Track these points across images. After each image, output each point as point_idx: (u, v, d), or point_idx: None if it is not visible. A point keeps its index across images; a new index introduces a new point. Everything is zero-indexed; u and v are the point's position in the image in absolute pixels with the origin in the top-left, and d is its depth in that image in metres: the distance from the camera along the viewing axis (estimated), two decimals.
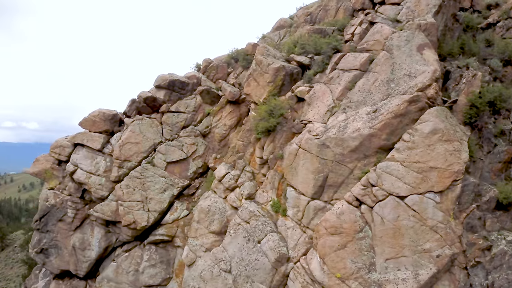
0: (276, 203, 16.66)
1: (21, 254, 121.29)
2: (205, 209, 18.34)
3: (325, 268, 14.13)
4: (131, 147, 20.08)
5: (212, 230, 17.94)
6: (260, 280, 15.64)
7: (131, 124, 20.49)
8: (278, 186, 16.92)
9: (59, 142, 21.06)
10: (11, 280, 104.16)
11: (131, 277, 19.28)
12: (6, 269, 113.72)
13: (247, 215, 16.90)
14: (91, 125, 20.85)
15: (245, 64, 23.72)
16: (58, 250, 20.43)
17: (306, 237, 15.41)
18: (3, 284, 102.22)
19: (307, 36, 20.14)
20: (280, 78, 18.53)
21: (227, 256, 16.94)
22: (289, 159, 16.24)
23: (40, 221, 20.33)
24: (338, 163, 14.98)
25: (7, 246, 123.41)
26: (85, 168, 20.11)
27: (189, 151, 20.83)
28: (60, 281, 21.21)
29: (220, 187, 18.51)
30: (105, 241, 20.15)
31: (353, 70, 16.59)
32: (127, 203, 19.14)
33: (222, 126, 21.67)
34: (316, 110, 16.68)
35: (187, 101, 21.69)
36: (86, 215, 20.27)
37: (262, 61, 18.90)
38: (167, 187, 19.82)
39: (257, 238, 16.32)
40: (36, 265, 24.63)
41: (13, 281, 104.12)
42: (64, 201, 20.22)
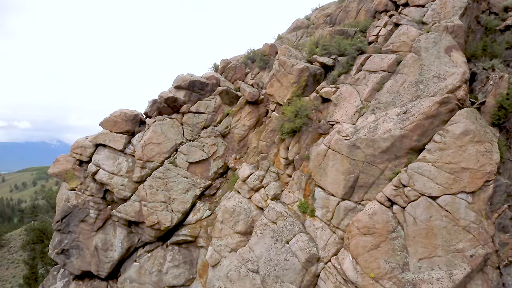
0: (304, 204, 16.75)
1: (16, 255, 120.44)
2: (229, 210, 18.38)
3: (358, 268, 14.25)
4: (153, 147, 20.08)
5: (237, 231, 17.99)
6: (290, 280, 15.73)
7: (153, 125, 20.48)
8: (305, 187, 17.01)
9: (80, 143, 20.99)
10: (7, 281, 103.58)
11: (155, 278, 19.27)
12: (1, 270, 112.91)
13: (274, 216, 16.98)
14: (112, 126, 20.81)
15: (262, 65, 23.81)
16: (80, 251, 20.36)
17: (336, 237, 15.52)
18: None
19: (328, 37, 20.26)
20: (304, 79, 18.64)
21: (254, 256, 17.00)
22: (317, 159, 16.34)
23: (61, 222, 20.26)
24: (369, 163, 15.10)
25: (2, 247, 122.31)
26: (107, 168, 20.07)
27: (210, 151, 20.86)
28: (80, 281, 21.14)
29: (244, 188, 18.56)
30: (127, 241, 20.13)
31: (380, 72, 16.72)
32: (150, 203, 19.14)
33: (241, 126, 21.73)
34: (343, 111, 16.78)
35: (207, 102, 21.73)
36: (109, 215, 20.23)
37: (285, 62, 18.99)
38: (190, 187, 19.85)
39: (285, 238, 16.40)
40: (54, 265, 24.30)
41: (9, 281, 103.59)
42: (86, 201, 20.17)
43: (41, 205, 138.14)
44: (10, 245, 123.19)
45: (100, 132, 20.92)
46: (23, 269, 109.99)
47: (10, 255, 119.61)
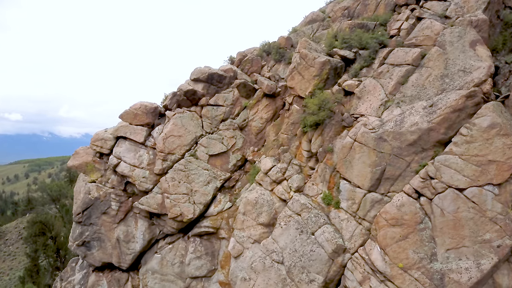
0: (328, 196, 16.99)
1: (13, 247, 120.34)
2: (252, 202, 18.58)
3: (387, 259, 14.55)
4: (174, 140, 20.18)
5: (260, 222, 18.21)
6: (317, 271, 16.01)
7: (173, 117, 20.58)
8: (329, 179, 17.24)
9: (100, 135, 21.04)
10: (4, 273, 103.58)
11: (177, 269, 19.50)
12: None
13: (298, 208, 17.21)
14: (132, 118, 20.86)
15: (278, 58, 23.91)
16: (101, 242, 20.50)
17: (363, 228, 15.80)
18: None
19: (347, 30, 20.39)
20: (326, 72, 18.81)
21: (278, 247, 17.25)
22: (343, 152, 16.56)
23: (82, 214, 20.36)
24: (395, 156, 15.35)
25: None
26: (128, 161, 20.18)
27: (229, 144, 21.02)
28: (100, 273, 21.31)
29: (266, 180, 18.76)
30: (149, 233, 20.31)
31: (404, 65, 16.92)
32: (173, 195, 19.30)
33: (259, 119, 21.88)
34: (367, 104, 16.99)
35: (225, 95, 21.83)
36: (130, 207, 20.37)
37: (307, 55, 19.12)
38: (211, 179, 20.02)
39: (310, 230, 16.66)
40: (74, 257, 24.17)
41: (6, 274, 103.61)
42: (107, 194, 20.28)
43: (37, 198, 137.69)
44: (6, 238, 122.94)
45: (120, 125, 20.97)
46: (20, 261, 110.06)
47: (6, 247, 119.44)
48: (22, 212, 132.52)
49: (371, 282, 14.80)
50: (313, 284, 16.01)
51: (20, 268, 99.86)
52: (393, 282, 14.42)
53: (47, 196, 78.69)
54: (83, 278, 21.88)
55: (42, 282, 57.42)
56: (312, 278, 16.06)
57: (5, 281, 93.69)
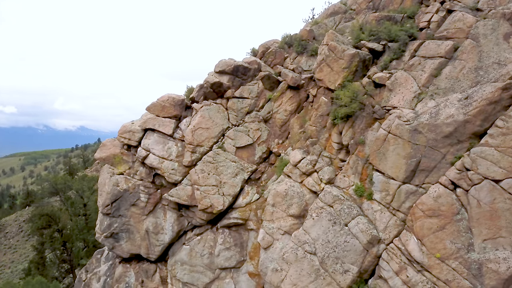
0: (360, 188, 17.19)
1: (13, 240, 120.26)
2: (281, 193, 18.77)
3: (424, 249, 14.80)
4: (202, 132, 20.31)
5: (290, 214, 18.42)
6: (351, 261, 16.26)
7: (201, 110, 20.68)
8: (362, 171, 17.44)
9: (127, 127, 21.10)
10: (5, 266, 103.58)
11: (206, 260, 19.71)
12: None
13: (330, 199, 17.42)
14: (160, 110, 20.94)
15: (300, 50, 23.99)
16: (130, 234, 20.67)
17: (397, 219, 16.03)
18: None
19: (374, 22, 20.46)
20: (355, 64, 18.95)
21: (310, 238, 17.48)
22: (376, 144, 16.74)
23: (111, 206, 20.49)
24: (431, 148, 15.55)
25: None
26: (157, 153, 20.29)
27: (254, 136, 21.17)
28: (128, 264, 21.50)
29: (295, 172, 18.94)
30: (177, 225, 20.50)
31: (437, 58, 17.07)
32: (203, 187, 19.46)
33: (283, 111, 22.02)
34: (399, 96, 17.15)
35: (250, 87, 21.93)
36: (158, 199, 20.52)
37: (336, 47, 19.22)
38: (238, 171, 20.18)
39: (343, 221, 16.88)
40: (99, 249, 24.08)
41: (8, 267, 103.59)
42: (136, 186, 20.41)
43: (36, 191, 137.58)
44: (6, 231, 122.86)
45: (148, 117, 21.02)
46: (21, 254, 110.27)
47: (6, 240, 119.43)
48: (22, 205, 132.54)
49: (408, 272, 15.06)
50: (347, 274, 16.26)
51: (21, 261, 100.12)
52: (430, 272, 14.68)
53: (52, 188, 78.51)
54: (109, 270, 22.05)
55: (50, 274, 57.68)
56: (346, 269, 16.31)
57: (7, 274, 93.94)
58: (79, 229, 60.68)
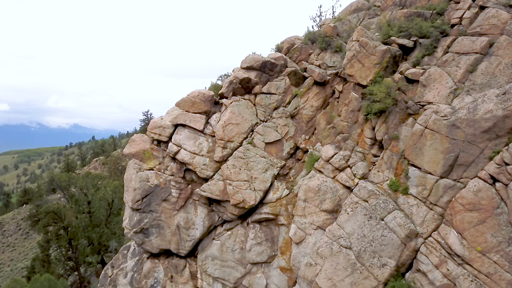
0: (395, 182, 17.37)
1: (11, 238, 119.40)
2: (314, 189, 18.91)
3: (465, 243, 15.00)
4: (233, 128, 20.40)
5: (323, 209, 18.57)
6: (389, 255, 16.43)
7: (231, 105, 20.77)
8: (396, 166, 17.62)
9: (157, 123, 21.14)
10: (4, 264, 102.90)
11: (237, 255, 19.83)
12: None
13: (365, 194, 17.58)
14: (190, 106, 21.01)
15: (324, 46, 24.10)
16: (160, 229, 20.72)
17: (434, 213, 16.22)
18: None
19: (403, 19, 20.62)
20: (386, 60, 19.12)
21: (345, 233, 17.64)
22: (412, 139, 16.91)
23: (142, 201, 20.52)
24: (469, 143, 15.74)
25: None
26: (188, 148, 20.37)
27: (282, 132, 21.30)
28: (156, 260, 21.56)
29: (327, 167, 19.08)
30: (208, 220, 20.60)
31: (472, 54, 17.25)
32: (235, 182, 19.56)
33: (309, 107, 22.15)
34: (435, 92, 17.33)
35: (277, 83, 22.04)
36: (189, 194, 20.57)
37: (367, 43, 19.37)
38: (268, 167, 20.30)
39: (379, 215, 17.04)
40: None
41: (7, 265, 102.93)
42: (167, 181, 20.48)
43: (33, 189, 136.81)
44: (4, 229, 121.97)
45: (178, 113, 21.06)
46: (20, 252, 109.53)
47: (4, 238, 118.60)
48: (19, 203, 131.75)
49: (448, 266, 15.26)
50: (385, 268, 16.44)
51: (20, 259, 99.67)
52: (471, 265, 14.89)
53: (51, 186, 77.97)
54: (136, 265, 22.08)
55: (55, 272, 57.45)
56: (384, 263, 16.48)
57: (7, 272, 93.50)
58: (84, 227, 60.44)
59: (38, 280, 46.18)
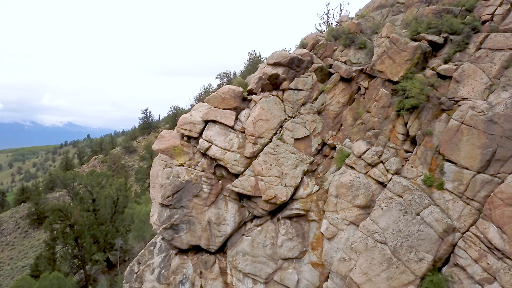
0: (430, 178, 17.51)
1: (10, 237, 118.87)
2: (346, 184, 19.02)
3: (505, 237, 15.18)
4: (263, 124, 20.46)
5: (356, 204, 18.70)
6: (426, 250, 16.58)
7: (260, 101, 20.83)
8: (431, 161, 17.73)
9: (187, 119, 21.17)
10: (4, 262, 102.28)
11: (269, 251, 19.91)
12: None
13: (400, 189, 17.70)
14: (219, 102, 21.05)
15: (347, 43, 24.19)
16: (191, 225, 20.75)
17: (472, 208, 16.38)
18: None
19: (431, 15, 20.75)
20: (417, 56, 19.25)
21: (379, 228, 17.77)
22: (448, 135, 17.05)
23: (172, 197, 20.53)
24: (507, 138, 15.92)
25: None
26: (219, 144, 20.43)
27: (310, 128, 21.41)
28: (185, 256, 21.60)
29: (359, 163, 19.19)
30: (239, 215, 20.67)
31: (506, 50, 17.45)
32: (266, 178, 19.63)
33: (336, 103, 22.25)
34: (469, 87, 17.48)
35: (304, 79, 22.12)
36: (220, 190, 20.60)
37: (398, 40, 19.49)
38: (298, 163, 20.38)
39: (414, 210, 17.19)
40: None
41: (7, 263, 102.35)
42: (198, 177, 20.54)
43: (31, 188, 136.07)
44: (3, 228, 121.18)
45: (209, 109, 21.07)
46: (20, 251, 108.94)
47: (3, 237, 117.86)
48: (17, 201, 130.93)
49: (488, 260, 15.41)
50: (422, 263, 16.58)
51: (20, 257, 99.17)
52: None
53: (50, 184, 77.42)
54: (163, 261, 22.09)
55: (61, 270, 57.21)
56: (421, 257, 16.62)
57: (7, 270, 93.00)
58: (89, 225, 60.20)
59: (47, 278, 46.04)
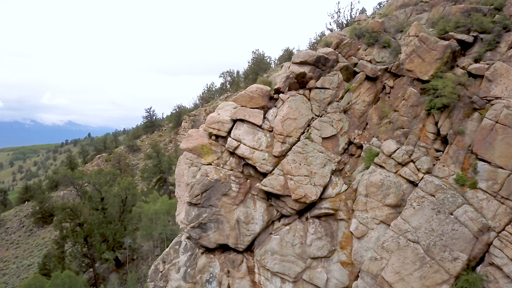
0: (462, 177, 17.55)
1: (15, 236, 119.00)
2: (376, 183, 19.06)
3: None
4: (291, 122, 20.49)
5: (387, 204, 18.73)
6: (460, 249, 16.61)
7: (288, 100, 20.86)
8: (463, 161, 17.74)
9: (215, 118, 21.21)
10: (9, 261, 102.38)
11: (298, 250, 19.95)
12: (1, 251, 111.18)
13: (432, 189, 17.72)
14: (247, 101, 21.09)
15: (371, 41, 24.16)
16: (219, 224, 20.77)
17: (507, 207, 16.42)
18: (1, 265, 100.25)
19: (459, 14, 20.73)
20: (447, 55, 19.27)
21: (410, 227, 17.80)
22: (481, 134, 17.08)
23: (201, 196, 20.55)
24: None
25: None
26: (248, 143, 20.47)
27: (337, 127, 21.42)
28: (211, 255, 21.63)
29: (389, 162, 19.21)
30: (267, 214, 20.71)
31: None
32: (296, 177, 19.65)
33: (361, 102, 22.28)
34: (502, 87, 17.51)
35: (330, 77, 22.13)
36: (248, 189, 20.62)
37: (428, 38, 19.49)
38: (326, 162, 20.40)
39: (447, 210, 17.19)
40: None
41: (12, 262, 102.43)
42: (227, 176, 20.56)
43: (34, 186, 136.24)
44: (7, 226, 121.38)
45: (237, 108, 21.12)
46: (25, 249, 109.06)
47: (7, 236, 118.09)
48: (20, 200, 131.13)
49: None
50: (457, 262, 16.61)
51: (26, 256, 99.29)
52: None
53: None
54: (188, 260, 22.12)
55: (71, 269, 57.32)
56: (455, 256, 16.65)
57: (12, 269, 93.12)
58: (98, 223, 60.28)
59: (59, 276, 46.13)
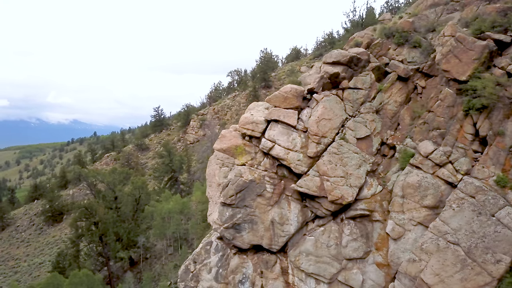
0: (503, 178, 17.45)
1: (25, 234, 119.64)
2: (413, 185, 18.98)
3: None
4: (326, 123, 20.45)
5: (425, 205, 18.66)
6: (503, 251, 16.51)
7: (322, 101, 20.82)
8: (504, 162, 17.62)
9: (249, 119, 21.23)
10: (20, 259, 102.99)
11: (333, 251, 19.92)
12: (12, 249, 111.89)
13: (472, 190, 17.62)
14: (281, 102, 21.07)
15: (401, 41, 24.05)
16: (253, 225, 20.78)
17: None
18: (13, 263, 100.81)
19: (494, 14, 20.58)
20: (485, 55, 19.17)
21: (450, 229, 17.72)
22: None
23: (236, 197, 20.56)
24: None
25: (8, 226, 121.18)
26: (283, 144, 20.46)
27: (371, 127, 21.38)
28: (244, 255, 21.63)
29: (426, 163, 19.12)
30: (302, 216, 20.70)
31: None
32: (332, 178, 19.61)
33: (393, 102, 22.20)
34: None
35: (363, 78, 22.07)
36: (282, 190, 20.60)
37: (465, 39, 19.38)
38: (361, 163, 20.35)
39: (489, 211, 17.06)
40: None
41: (23, 260, 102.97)
42: (261, 176, 20.56)
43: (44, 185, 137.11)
44: (17, 225, 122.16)
45: (272, 108, 21.12)
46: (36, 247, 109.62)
47: (18, 234, 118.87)
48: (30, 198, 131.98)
49: None
50: (500, 264, 16.50)
51: (37, 254, 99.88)
52: None
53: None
54: (220, 261, 22.13)
55: (88, 267, 57.52)
56: (498, 259, 16.54)
57: (24, 267, 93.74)
58: (112, 222, 60.46)
59: (77, 275, 46.35)
